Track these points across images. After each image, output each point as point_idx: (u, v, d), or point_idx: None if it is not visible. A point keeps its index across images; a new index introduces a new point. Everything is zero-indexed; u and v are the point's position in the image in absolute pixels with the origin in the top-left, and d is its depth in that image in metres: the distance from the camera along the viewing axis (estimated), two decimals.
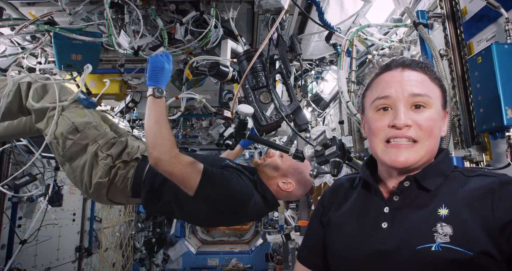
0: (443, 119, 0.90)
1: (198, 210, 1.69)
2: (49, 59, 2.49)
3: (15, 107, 1.91)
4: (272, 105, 1.56)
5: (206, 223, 2.23)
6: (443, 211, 0.78)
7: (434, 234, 0.76)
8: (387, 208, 0.87)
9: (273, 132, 1.75)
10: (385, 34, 2.19)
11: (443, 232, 0.75)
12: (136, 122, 4.04)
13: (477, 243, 0.72)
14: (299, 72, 2.78)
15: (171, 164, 1.49)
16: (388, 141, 0.85)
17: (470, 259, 0.71)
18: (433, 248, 0.75)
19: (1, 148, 2.67)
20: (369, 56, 2.19)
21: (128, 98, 3.15)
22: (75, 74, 2.31)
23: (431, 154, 0.87)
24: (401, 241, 0.80)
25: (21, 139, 2.90)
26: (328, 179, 3.38)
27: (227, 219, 1.84)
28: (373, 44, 2.19)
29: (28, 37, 2.19)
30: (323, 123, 3.79)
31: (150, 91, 1.57)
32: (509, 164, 1.19)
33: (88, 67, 1.79)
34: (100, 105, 2.16)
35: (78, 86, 2.58)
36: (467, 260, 0.72)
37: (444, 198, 0.82)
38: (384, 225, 0.85)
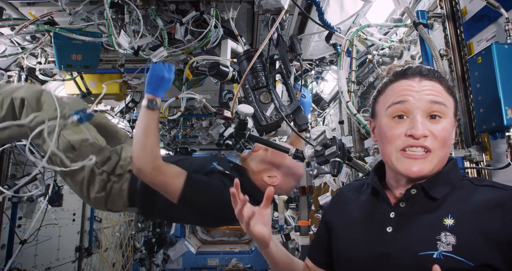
0: (453, 127, 0.90)
1: (189, 215, 1.73)
2: (49, 59, 2.49)
3: (9, 120, 1.89)
4: (272, 105, 1.56)
5: (203, 224, 2.26)
6: (449, 221, 0.79)
7: (437, 242, 0.77)
8: (393, 213, 0.88)
9: (273, 132, 1.75)
10: (385, 34, 2.19)
11: (446, 241, 0.76)
12: (136, 122, 4.03)
13: (480, 255, 0.73)
14: (299, 72, 2.78)
15: (152, 175, 1.52)
16: (403, 149, 0.84)
17: (471, 270, 0.72)
18: (434, 256, 0.76)
19: (1, 148, 2.66)
20: (369, 56, 2.19)
21: (128, 98, 3.16)
22: (75, 74, 2.32)
23: (443, 163, 0.87)
24: (404, 246, 0.81)
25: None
26: (328, 179, 3.38)
27: (221, 221, 1.88)
28: (373, 44, 2.19)
29: (28, 37, 2.19)
30: (323, 123, 3.79)
31: (145, 100, 1.59)
32: (509, 164, 1.19)
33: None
34: (98, 114, 2.08)
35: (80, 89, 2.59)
36: (467, 270, 0.72)
37: (451, 207, 0.82)
38: (389, 229, 0.86)
